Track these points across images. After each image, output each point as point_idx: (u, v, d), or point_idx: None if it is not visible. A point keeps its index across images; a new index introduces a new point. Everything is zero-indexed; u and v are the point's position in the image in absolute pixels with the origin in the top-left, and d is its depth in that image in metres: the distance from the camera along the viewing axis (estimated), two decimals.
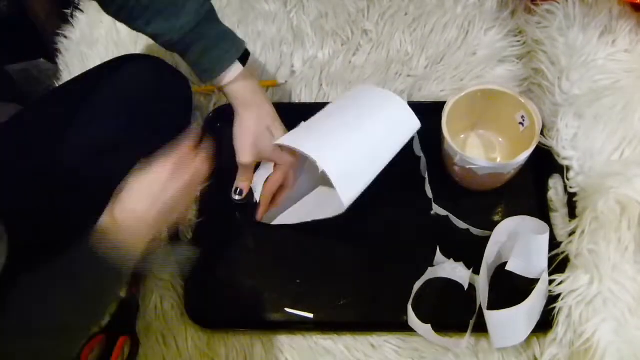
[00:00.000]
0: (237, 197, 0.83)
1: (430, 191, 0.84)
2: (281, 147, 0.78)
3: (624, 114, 0.75)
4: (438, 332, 0.73)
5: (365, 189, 0.77)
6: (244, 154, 0.78)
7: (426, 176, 0.84)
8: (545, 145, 0.81)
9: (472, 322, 0.74)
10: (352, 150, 0.73)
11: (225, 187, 0.86)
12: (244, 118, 0.77)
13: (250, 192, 0.84)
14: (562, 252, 0.74)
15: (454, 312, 0.77)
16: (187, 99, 0.88)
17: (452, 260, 0.77)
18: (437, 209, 0.82)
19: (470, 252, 0.77)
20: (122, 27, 1.04)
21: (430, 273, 0.78)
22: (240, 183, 0.82)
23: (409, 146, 0.88)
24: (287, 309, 0.78)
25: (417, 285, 0.78)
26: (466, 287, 0.77)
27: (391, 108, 0.77)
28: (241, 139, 0.77)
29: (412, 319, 0.74)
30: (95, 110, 0.76)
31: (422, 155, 0.86)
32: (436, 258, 0.78)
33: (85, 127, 0.74)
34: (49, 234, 0.72)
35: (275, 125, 0.79)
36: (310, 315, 0.78)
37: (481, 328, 0.76)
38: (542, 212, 0.81)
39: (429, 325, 0.72)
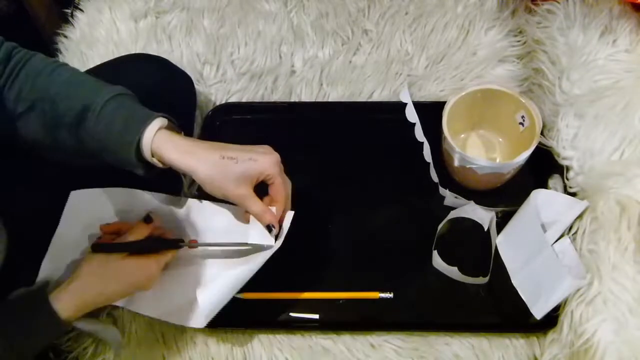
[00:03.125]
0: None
1: (436, 175, 0.84)
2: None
3: (624, 114, 0.75)
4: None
5: (366, 185, 0.77)
6: (239, 189, 0.65)
7: (430, 161, 0.84)
8: (545, 145, 0.81)
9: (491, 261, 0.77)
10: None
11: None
12: (199, 167, 0.64)
13: None
14: None
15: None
16: (191, 96, 0.90)
17: (473, 202, 0.81)
18: (443, 192, 0.83)
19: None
20: (122, 27, 1.04)
21: (452, 214, 0.82)
22: (266, 218, 0.68)
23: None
24: (292, 314, 0.78)
25: (440, 227, 0.80)
26: (486, 227, 0.81)
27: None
28: (221, 182, 0.64)
29: (438, 261, 0.77)
30: None
31: (425, 141, 0.86)
32: (446, 199, 0.82)
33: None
34: (48, 231, 0.72)
35: (227, 149, 0.66)
36: (316, 316, 0.78)
37: (482, 328, 0.77)
38: None
39: (456, 268, 0.76)
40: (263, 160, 0.65)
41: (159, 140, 0.62)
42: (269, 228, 0.68)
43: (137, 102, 0.65)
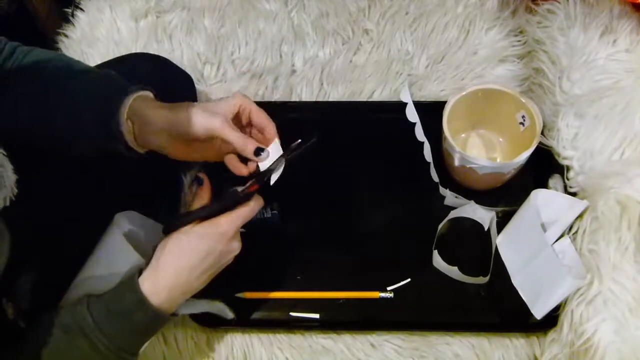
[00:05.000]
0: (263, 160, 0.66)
1: (436, 175, 0.84)
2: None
3: (625, 113, 0.75)
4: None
5: (366, 185, 0.77)
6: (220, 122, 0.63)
7: (431, 160, 0.84)
8: (545, 145, 0.81)
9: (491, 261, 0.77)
10: None
11: (226, 186, 0.87)
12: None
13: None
14: None
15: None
16: (191, 95, 0.90)
17: (473, 202, 0.81)
18: (443, 192, 0.83)
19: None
20: (122, 26, 1.04)
21: (452, 214, 0.82)
22: (247, 144, 0.64)
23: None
24: (292, 313, 0.78)
25: (440, 227, 0.80)
26: (486, 227, 0.81)
27: None
28: (198, 118, 0.63)
29: (438, 261, 0.77)
30: None
31: (426, 141, 0.86)
32: (447, 198, 0.82)
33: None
34: (52, 234, 0.72)
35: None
36: (317, 316, 0.78)
37: (482, 328, 0.77)
38: None
39: (456, 267, 0.76)
40: (233, 96, 0.66)
41: (138, 100, 0.63)
42: (257, 152, 0.64)
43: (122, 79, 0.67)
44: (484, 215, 0.81)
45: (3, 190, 0.53)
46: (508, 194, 0.83)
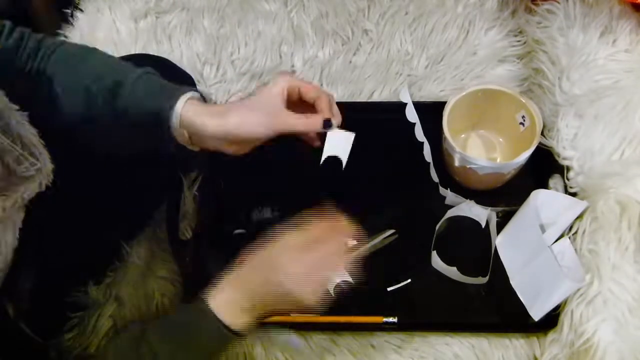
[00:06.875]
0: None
1: (436, 175, 0.84)
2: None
3: (624, 113, 0.75)
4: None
5: (365, 185, 0.77)
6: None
7: (430, 161, 0.85)
8: (545, 145, 0.81)
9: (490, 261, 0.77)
10: None
11: (225, 186, 0.87)
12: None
13: None
14: None
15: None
16: None
17: (472, 201, 0.81)
18: (443, 192, 0.83)
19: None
20: (122, 27, 1.04)
21: (449, 213, 0.82)
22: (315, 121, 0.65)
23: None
24: (292, 314, 0.78)
25: (438, 226, 0.80)
26: (483, 224, 0.81)
27: None
28: (250, 117, 0.63)
29: (437, 262, 0.77)
30: None
31: (425, 141, 0.86)
32: (447, 197, 0.82)
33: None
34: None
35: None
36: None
37: (481, 328, 0.77)
38: None
39: (455, 268, 0.76)
40: (275, 83, 0.64)
41: (188, 108, 0.62)
42: (327, 124, 0.64)
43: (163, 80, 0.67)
44: (481, 213, 0.81)
45: (39, 175, 0.52)
46: (508, 194, 0.83)
